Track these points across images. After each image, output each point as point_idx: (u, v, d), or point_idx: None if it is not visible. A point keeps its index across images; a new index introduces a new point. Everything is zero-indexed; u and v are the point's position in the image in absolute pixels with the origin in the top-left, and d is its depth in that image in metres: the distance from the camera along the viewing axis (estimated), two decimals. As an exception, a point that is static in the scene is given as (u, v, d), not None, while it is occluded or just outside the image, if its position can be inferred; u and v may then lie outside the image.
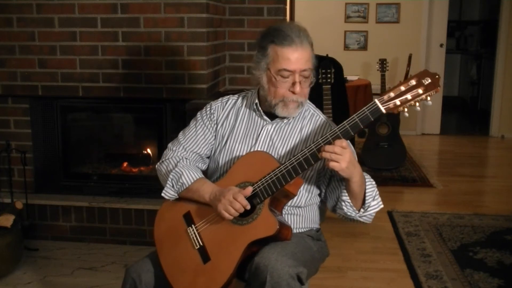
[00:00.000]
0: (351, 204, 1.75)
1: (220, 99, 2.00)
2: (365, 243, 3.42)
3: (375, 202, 1.77)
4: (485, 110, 7.42)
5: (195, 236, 1.78)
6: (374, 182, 1.79)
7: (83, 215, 3.31)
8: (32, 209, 3.33)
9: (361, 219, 1.80)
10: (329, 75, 3.49)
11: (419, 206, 4.09)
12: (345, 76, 4.85)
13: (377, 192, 1.79)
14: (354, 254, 3.25)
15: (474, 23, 9.67)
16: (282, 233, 1.69)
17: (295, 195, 1.74)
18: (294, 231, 1.85)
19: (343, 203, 1.76)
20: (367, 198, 1.75)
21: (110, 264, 3.06)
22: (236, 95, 2.00)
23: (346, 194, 1.74)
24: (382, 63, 5.04)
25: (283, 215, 1.83)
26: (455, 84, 9.59)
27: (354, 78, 5.69)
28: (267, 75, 1.79)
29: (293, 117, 1.87)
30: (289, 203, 1.80)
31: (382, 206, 1.80)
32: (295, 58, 1.73)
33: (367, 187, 1.74)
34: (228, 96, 2.00)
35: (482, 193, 4.61)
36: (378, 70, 5.09)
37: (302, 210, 1.89)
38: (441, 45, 6.78)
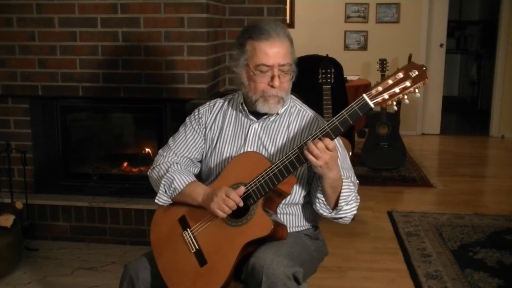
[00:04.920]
0: (325, 202, 1.76)
1: (207, 103, 2.00)
2: (365, 243, 3.42)
3: (348, 207, 1.76)
4: (485, 110, 7.42)
5: (191, 239, 1.78)
6: (353, 188, 1.77)
7: (83, 215, 3.31)
8: (32, 209, 3.33)
9: (335, 220, 1.80)
10: (329, 75, 3.49)
11: (419, 206, 4.09)
12: (345, 76, 4.85)
13: (353, 198, 1.77)
14: (354, 254, 3.25)
15: (474, 23, 9.67)
16: (277, 232, 1.69)
17: (288, 194, 1.74)
18: (291, 230, 1.85)
19: (317, 200, 1.77)
20: (340, 201, 1.74)
21: (110, 264, 3.06)
22: (223, 98, 2.00)
23: (321, 192, 1.75)
24: (382, 63, 5.04)
25: (279, 215, 1.83)
26: (455, 84, 9.59)
27: (354, 78, 5.69)
28: (246, 71, 1.79)
29: (279, 114, 1.87)
30: (283, 202, 1.80)
31: (355, 212, 1.78)
32: (273, 52, 1.73)
33: (343, 190, 1.73)
34: (215, 100, 2.01)
35: (482, 193, 4.61)
36: (378, 70, 5.09)
37: (297, 208, 1.88)
38: (441, 45, 6.78)
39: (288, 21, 6.41)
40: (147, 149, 3.56)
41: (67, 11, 3.07)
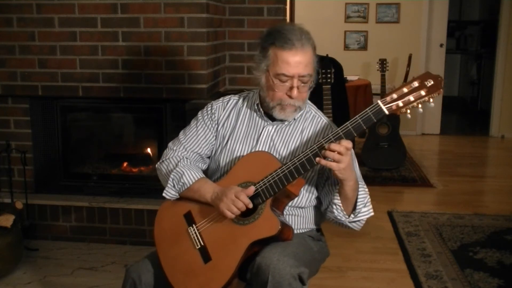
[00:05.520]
0: (342, 208, 1.75)
1: (221, 98, 1.99)
2: (365, 243, 3.42)
3: (366, 209, 1.77)
4: (485, 110, 7.42)
5: (196, 236, 1.78)
6: (367, 189, 1.79)
7: (83, 215, 3.31)
8: (32, 209, 3.33)
9: (350, 225, 1.80)
10: (329, 75, 3.49)
11: (419, 206, 4.09)
12: (345, 76, 4.85)
13: (369, 199, 1.78)
14: (354, 254, 3.25)
15: (474, 23, 9.67)
16: (284, 233, 1.70)
17: (296, 196, 1.74)
18: (296, 231, 1.85)
19: (334, 207, 1.76)
20: (358, 203, 1.75)
21: (110, 264, 3.06)
22: (238, 95, 1.99)
23: (338, 198, 1.75)
24: (382, 63, 5.04)
25: (285, 216, 1.83)
26: (455, 84, 9.59)
27: (354, 78, 5.69)
28: (266, 77, 1.78)
29: (295, 119, 1.86)
30: (290, 204, 1.80)
31: (372, 213, 1.79)
32: (295, 62, 1.71)
33: (359, 193, 1.74)
34: (230, 96, 1.99)
35: (482, 193, 4.61)
36: (378, 70, 5.09)
37: (303, 210, 1.89)
38: (441, 45, 6.78)
39: (288, 21, 6.40)
40: (147, 149, 3.56)
41: (67, 11, 3.07)
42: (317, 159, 1.62)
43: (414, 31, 6.65)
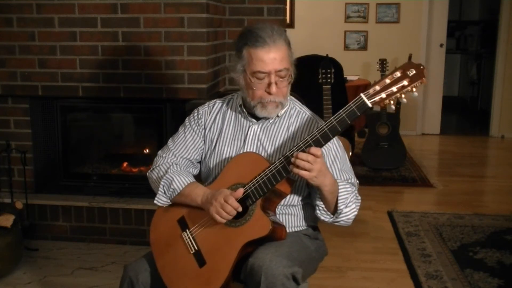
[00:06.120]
0: (325, 209, 1.77)
1: (207, 103, 2.00)
2: (365, 243, 3.42)
3: (347, 209, 1.77)
4: (485, 110, 7.42)
5: (190, 240, 1.79)
6: (350, 189, 1.78)
7: (83, 215, 3.31)
8: (32, 209, 3.33)
9: (336, 224, 1.81)
10: (329, 75, 3.49)
11: (419, 206, 4.09)
12: (345, 76, 4.85)
13: (352, 200, 1.78)
14: (354, 254, 3.25)
15: (474, 23, 9.67)
16: (276, 233, 1.70)
17: (287, 194, 1.74)
18: (290, 230, 1.86)
19: (316, 207, 1.79)
20: (339, 204, 1.76)
21: (110, 264, 3.06)
22: (222, 99, 2.01)
23: (320, 199, 1.77)
24: (382, 63, 5.04)
25: (277, 215, 1.83)
26: (455, 84, 9.59)
27: (354, 78, 5.69)
28: (244, 77, 1.80)
29: (279, 116, 1.87)
30: (282, 203, 1.81)
31: (355, 213, 1.79)
32: (269, 59, 1.72)
33: (340, 194, 1.75)
34: (215, 100, 2.01)
35: (482, 193, 4.61)
36: (378, 70, 5.09)
37: (295, 208, 1.89)
38: (441, 45, 6.78)
39: (288, 21, 6.41)
40: (147, 149, 3.56)
41: (67, 11, 3.07)
42: (290, 166, 1.63)
43: (414, 31, 6.64)
